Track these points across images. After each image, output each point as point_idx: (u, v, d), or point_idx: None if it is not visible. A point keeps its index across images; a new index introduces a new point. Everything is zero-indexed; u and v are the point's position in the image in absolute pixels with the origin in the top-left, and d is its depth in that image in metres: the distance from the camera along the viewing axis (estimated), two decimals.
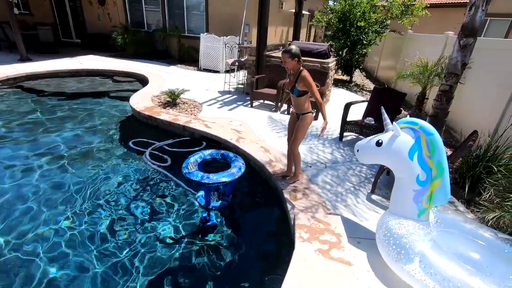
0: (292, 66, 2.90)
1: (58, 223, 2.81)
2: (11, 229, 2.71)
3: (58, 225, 2.78)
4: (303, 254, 2.24)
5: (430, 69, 5.22)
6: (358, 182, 3.53)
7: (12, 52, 9.75)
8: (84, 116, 5.54)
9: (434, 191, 2.21)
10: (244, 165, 2.84)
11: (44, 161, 3.89)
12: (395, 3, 8.12)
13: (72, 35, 13.39)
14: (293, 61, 2.86)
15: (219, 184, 2.58)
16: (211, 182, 2.53)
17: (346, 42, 8.49)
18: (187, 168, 2.69)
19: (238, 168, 2.76)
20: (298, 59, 2.88)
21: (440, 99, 3.84)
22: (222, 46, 9.00)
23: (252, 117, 5.47)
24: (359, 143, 2.57)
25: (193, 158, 2.89)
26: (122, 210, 3.07)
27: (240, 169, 2.75)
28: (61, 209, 3.01)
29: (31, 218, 2.87)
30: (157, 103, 5.80)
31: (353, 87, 8.71)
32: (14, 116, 5.30)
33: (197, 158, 2.89)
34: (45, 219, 2.86)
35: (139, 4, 11.26)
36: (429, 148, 2.18)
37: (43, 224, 2.80)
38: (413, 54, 6.16)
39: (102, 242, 2.63)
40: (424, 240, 2.12)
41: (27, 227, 2.74)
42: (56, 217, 2.89)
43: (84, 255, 2.48)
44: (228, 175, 2.62)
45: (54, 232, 2.71)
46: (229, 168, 2.77)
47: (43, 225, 2.78)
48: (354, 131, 4.65)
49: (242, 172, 2.73)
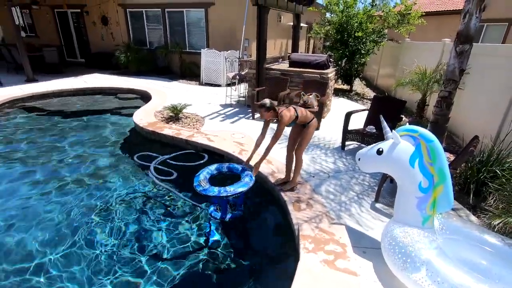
0: (270, 116, 3.15)
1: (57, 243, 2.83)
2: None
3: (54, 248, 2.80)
4: (308, 266, 2.22)
5: (429, 76, 5.28)
6: (361, 191, 3.52)
7: (19, 73, 10.01)
8: (89, 133, 5.63)
9: (437, 198, 2.21)
10: (252, 173, 3.01)
11: (49, 177, 3.94)
12: (391, 12, 8.28)
13: (77, 55, 13.75)
14: (269, 113, 3.11)
15: (237, 195, 2.68)
16: (229, 194, 2.60)
17: (345, 52, 8.61)
18: (201, 186, 2.77)
19: (249, 176, 2.87)
20: (273, 109, 3.13)
21: (440, 105, 3.87)
22: (223, 60, 9.17)
23: (254, 129, 5.52)
24: (360, 152, 2.59)
25: (202, 175, 2.98)
26: (128, 226, 3.08)
27: (252, 178, 2.87)
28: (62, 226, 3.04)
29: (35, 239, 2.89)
30: (160, 119, 5.89)
31: (353, 96, 8.77)
32: (20, 135, 5.40)
33: (205, 175, 2.99)
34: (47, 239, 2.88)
35: (141, 23, 11.58)
36: (430, 155, 2.19)
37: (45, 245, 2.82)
38: (411, 62, 6.23)
39: (105, 257, 2.63)
40: (429, 248, 2.10)
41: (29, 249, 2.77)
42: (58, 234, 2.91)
43: (89, 269, 2.48)
44: (243, 185, 2.73)
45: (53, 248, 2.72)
46: (240, 179, 2.88)
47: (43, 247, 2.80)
48: (355, 140, 4.66)
49: (254, 180, 2.86)
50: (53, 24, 13.33)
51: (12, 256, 2.64)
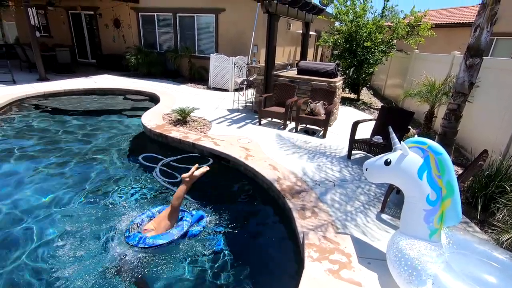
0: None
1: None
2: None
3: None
4: (313, 274, 2.21)
5: (438, 88, 5.26)
6: (367, 200, 3.51)
7: (32, 72, 10.23)
8: (97, 132, 5.71)
9: (445, 211, 2.19)
10: (188, 223, 2.79)
11: (55, 176, 4.00)
12: (401, 24, 8.30)
13: (88, 56, 14.02)
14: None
15: (155, 246, 2.50)
16: (146, 246, 2.47)
17: (353, 61, 8.64)
18: (128, 232, 2.63)
19: (180, 228, 2.67)
20: None
21: (449, 117, 3.85)
22: (231, 65, 9.26)
23: (261, 135, 5.54)
24: (368, 162, 2.59)
25: (139, 218, 2.82)
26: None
27: (182, 229, 2.66)
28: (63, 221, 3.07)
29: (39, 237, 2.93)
30: (167, 121, 5.95)
31: (360, 105, 8.77)
32: (31, 132, 5.50)
33: (143, 218, 2.83)
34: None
35: (153, 26, 11.79)
36: (438, 168, 2.18)
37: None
38: (420, 73, 6.23)
39: (109, 257, 2.63)
40: (436, 261, 2.08)
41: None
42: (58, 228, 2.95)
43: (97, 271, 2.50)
44: (166, 236, 2.55)
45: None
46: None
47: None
48: (362, 149, 4.66)
49: (183, 231, 2.66)
50: (67, 25, 13.64)
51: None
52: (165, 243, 2.52)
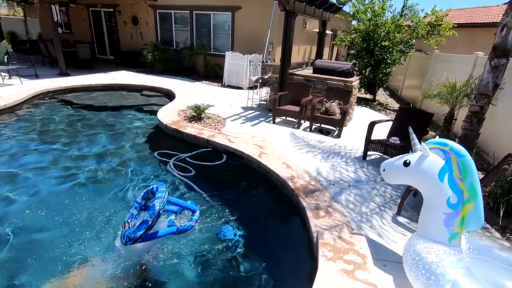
0: None
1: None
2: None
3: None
4: (327, 274, 2.20)
5: (459, 90, 5.10)
6: (382, 202, 3.44)
7: (53, 67, 10.56)
8: (114, 127, 5.85)
9: (466, 215, 2.13)
10: (160, 203, 2.39)
11: (74, 167, 4.13)
12: (421, 23, 8.08)
13: (107, 52, 14.34)
14: None
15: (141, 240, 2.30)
16: (132, 242, 2.27)
17: (370, 61, 8.49)
18: (121, 231, 2.44)
19: (152, 211, 2.35)
20: None
21: (470, 120, 3.74)
22: (246, 63, 9.27)
23: (274, 133, 5.53)
24: (386, 163, 2.54)
25: (128, 213, 2.62)
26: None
27: (154, 211, 2.32)
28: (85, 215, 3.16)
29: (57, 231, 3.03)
30: (183, 117, 6.03)
31: (376, 106, 8.61)
32: (49, 126, 5.69)
33: (132, 212, 2.62)
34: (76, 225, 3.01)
35: (169, 24, 11.94)
36: (461, 170, 2.12)
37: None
38: (440, 74, 6.05)
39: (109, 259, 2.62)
40: (456, 266, 2.03)
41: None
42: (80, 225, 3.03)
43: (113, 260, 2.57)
44: (141, 226, 2.30)
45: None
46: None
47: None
48: (378, 150, 4.57)
49: (155, 213, 2.32)
50: (87, 22, 14.00)
51: None
52: (143, 233, 2.27)
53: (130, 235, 2.29)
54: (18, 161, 4.25)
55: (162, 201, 2.41)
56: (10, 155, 4.39)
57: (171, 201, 2.73)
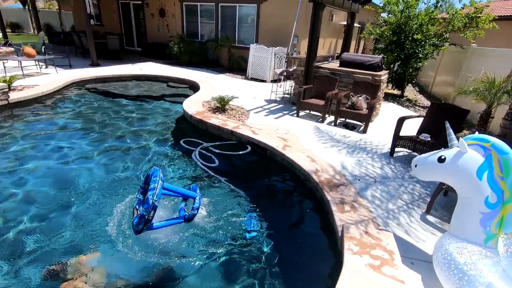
0: None
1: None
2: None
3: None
4: (354, 267, 2.17)
5: (498, 86, 4.79)
6: (410, 200, 3.33)
7: (85, 58, 11.05)
8: (142, 115, 6.05)
9: (506, 216, 2.02)
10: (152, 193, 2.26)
11: (104, 152, 4.32)
12: (458, 15, 7.62)
13: (134, 44, 14.77)
14: None
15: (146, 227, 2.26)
16: (139, 229, 2.24)
17: (400, 55, 8.14)
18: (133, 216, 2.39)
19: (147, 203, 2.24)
20: None
21: (511, 118, 3.52)
22: (271, 56, 9.20)
23: (298, 127, 5.48)
24: (418, 158, 2.45)
25: (136, 200, 2.57)
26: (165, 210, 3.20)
27: (149, 203, 2.21)
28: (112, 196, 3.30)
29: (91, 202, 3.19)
30: (207, 108, 6.11)
31: (404, 102, 8.28)
32: (83, 111, 5.98)
33: (139, 197, 2.56)
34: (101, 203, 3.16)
35: (195, 16, 12.06)
36: (502, 168, 2.00)
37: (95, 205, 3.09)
38: (477, 69, 5.70)
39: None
40: (492, 269, 1.93)
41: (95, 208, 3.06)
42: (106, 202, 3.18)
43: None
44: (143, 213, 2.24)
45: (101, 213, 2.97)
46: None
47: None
48: (407, 146, 4.41)
49: (150, 204, 2.22)
50: (117, 14, 14.44)
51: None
52: (143, 227, 2.24)
53: (134, 227, 2.27)
54: (52, 141, 4.54)
55: (155, 192, 2.27)
56: (45, 135, 4.67)
57: (167, 188, 2.58)
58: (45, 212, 3.02)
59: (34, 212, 3.01)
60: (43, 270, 2.34)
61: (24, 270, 2.35)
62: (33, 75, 8.10)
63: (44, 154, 4.23)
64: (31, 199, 3.22)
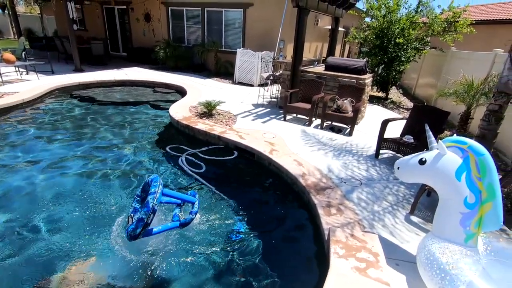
0: None
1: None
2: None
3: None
4: (339, 270, 2.19)
5: (476, 88, 4.96)
6: (395, 201, 3.39)
7: (69, 63, 10.81)
8: (127, 122, 5.94)
9: (484, 215, 2.08)
10: (153, 198, 2.33)
11: (88, 161, 4.22)
12: (437, 19, 7.87)
13: (119, 49, 14.56)
14: None
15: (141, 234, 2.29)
16: (133, 236, 2.28)
17: (383, 58, 8.33)
18: (127, 224, 2.41)
19: (146, 208, 2.30)
20: None
21: (489, 119, 3.64)
22: (258, 60, 9.25)
23: (285, 130, 5.51)
24: (400, 161, 2.50)
25: (132, 207, 2.59)
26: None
27: (149, 208, 2.28)
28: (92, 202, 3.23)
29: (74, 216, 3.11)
30: (194, 113, 6.07)
31: (389, 104, 8.46)
32: (64, 120, 5.83)
33: (135, 206, 2.59)
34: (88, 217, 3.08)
35: (181, 21, 12.01)
36: (479, 169, 2.07)
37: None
38: (457, 72, 5.89)
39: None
40: (472, 268, 1.98)
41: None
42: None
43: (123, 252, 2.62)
44: (139, 222, 2.28)
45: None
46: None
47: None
48: (391, 148, 4.50)
49: (150, 208, 2.28)
50: (101, 19, 14.22)
51: None
52: (141, 230, 2.28)
53: (131, 232, 2.28)
54: (32, 154, 4.37)
55: (155, 197, 2.34)
56: (26, 146, 4.52)
57: (167, 193, 2.64)
58: (16, 225, 2.92)
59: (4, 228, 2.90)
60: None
61: None
62: (13, 81, 7.86)
63: (23, 163, 4.10)
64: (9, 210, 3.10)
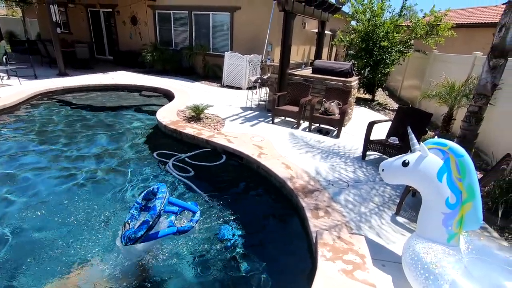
0: None
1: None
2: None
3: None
4: (327, 273, 2.20)
5: (458, 90, 5.11)
6: (382, 202, 3.45)
7: (52, 67, 10.54)
8: (113, 128, 5.84)
9: (464, 215, 2.14)
10: (161, 203, 2.40)
11: (73, 168, 4.12)
12: (420, 23, 8.10)
13: (106, 52, 14.32)
14: None
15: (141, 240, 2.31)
16: (132, 242, 2.29)
17: (369, 61, 8.50)
18: (121, 232, 2.44)
19: (153, 211, 2.35)
20: None
21: (469, 120, 3.76)
22: (246, 64, 9.27)
23: (274, 134, 5.54)
24: (384, 163, 2.55)
25: (129, 214, 2.62)
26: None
27: (155, 211, 2.33)
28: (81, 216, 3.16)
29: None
30: (182, 118, 6.02)
31: (375, 106, 8.62)
32: (48, 126, 5.68)
33: (133, 212, 2.63)
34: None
35: (168, 24, 11.93)
36: (459, 170, 2.13)
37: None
38: (439, 74, 6.06)
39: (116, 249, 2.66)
40: (455, 266, 2.03)
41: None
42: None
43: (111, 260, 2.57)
44: (142, 226, 2.31)
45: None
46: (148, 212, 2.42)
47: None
48: (377, 150, 4.58)
49: (156, 213, 2.33)
50: (86, 22, 13.97)
51: None
52: (144, 233, 2.29)
53: (131, 236, 2.30)
54: (17, 162, 4.24)
55: (163, 202, 2.41)
56: (9, 156, 4.37)
57: (172, 201, 2.73)
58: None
59: None
60: None
61: None
62: None
63: (4, 172, 3.97)
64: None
